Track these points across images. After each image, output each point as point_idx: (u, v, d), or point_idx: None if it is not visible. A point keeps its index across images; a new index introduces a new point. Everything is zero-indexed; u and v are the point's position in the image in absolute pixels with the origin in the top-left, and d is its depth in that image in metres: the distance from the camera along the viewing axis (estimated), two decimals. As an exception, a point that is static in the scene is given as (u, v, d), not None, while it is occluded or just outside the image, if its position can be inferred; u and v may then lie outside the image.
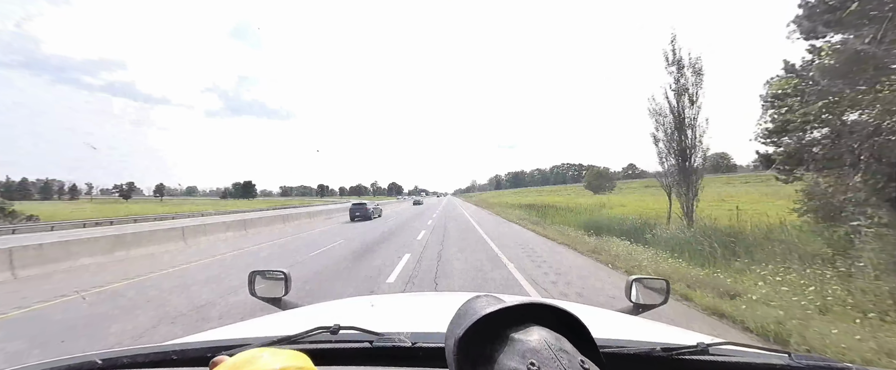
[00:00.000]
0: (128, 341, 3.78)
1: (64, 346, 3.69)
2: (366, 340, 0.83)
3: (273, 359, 0.45)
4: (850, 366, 0.76)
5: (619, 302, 1.80)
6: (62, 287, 6.04)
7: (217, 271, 7.41)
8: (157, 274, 7.13)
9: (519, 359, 0.38)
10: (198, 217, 29.98)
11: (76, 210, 48.81)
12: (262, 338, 0.86)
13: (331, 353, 0.82)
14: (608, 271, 6.87)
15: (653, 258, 7.19)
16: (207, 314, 4.60)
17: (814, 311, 3.89)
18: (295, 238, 12.88)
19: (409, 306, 1.71)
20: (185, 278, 6.77)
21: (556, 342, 0.41)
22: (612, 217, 14.36)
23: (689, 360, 0.78)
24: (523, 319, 0.45)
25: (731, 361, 0.79)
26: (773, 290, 4.58)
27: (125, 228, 15.50)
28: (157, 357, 0.80)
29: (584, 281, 6.08)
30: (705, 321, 4.17)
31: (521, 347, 0.40)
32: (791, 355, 0.78)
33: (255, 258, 9.20)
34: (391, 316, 1.43)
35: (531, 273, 6.60)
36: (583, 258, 8.29)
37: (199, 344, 0.87)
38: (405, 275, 6.56)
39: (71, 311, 4.88)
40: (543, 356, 0.38)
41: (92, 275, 7.05)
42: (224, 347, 0.80)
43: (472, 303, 0.50)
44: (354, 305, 1.74)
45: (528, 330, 0.43)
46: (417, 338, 0.82)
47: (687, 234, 8.52)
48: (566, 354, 0.39)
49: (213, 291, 5.69)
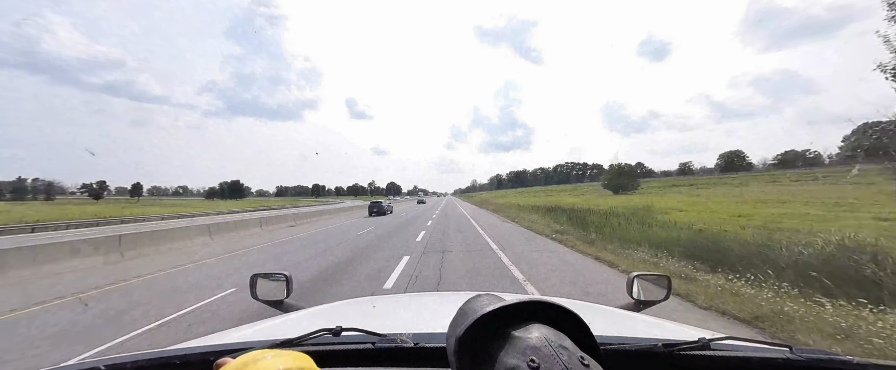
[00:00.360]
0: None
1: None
2: (368, 341, 0.83)
3: (276, 362, 0.45)
4: (850, 358, 0.73)
5: (625, 300, 1.52)
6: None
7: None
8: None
9: (520, 357, 0.38)
10: (174, 220, 27.48)
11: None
12: (264, 340, 0.86)
13: (333, 355, 0.82)
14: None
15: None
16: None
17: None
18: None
19: (411, 307, 1.65)
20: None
21: (557, 339, 0.41)
22: (711, 234, 8.33)
23: (690, 356, 0.77)
24: (524, 317, 0.46)
25: (732, 356, 0.77)
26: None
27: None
28: (160, 362, 0.80)
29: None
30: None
31: (522, 345, 0.40)
32: (792, 349, 0.76)
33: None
34: (393, 316, 1.42)
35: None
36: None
37: (202, 348, 0.86)
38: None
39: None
40: (544, 353, 0.38)
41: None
42: (227, 351, 0.79)
43: (473, 303, 0.51)
44: (356, 306, 1.65)
45: (528, 328, 0.43)
46: (419, 338, 0.83)
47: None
48: (567, 351, 0.39)
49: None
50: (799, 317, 3.78)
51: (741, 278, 5.25)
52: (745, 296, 4.55)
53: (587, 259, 7.85)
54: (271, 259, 8.97)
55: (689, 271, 5.99)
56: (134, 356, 0.79)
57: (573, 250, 9.00)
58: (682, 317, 4.18)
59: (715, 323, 4.05)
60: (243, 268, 7.76)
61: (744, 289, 4.84)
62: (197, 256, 9.31)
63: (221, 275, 7.03)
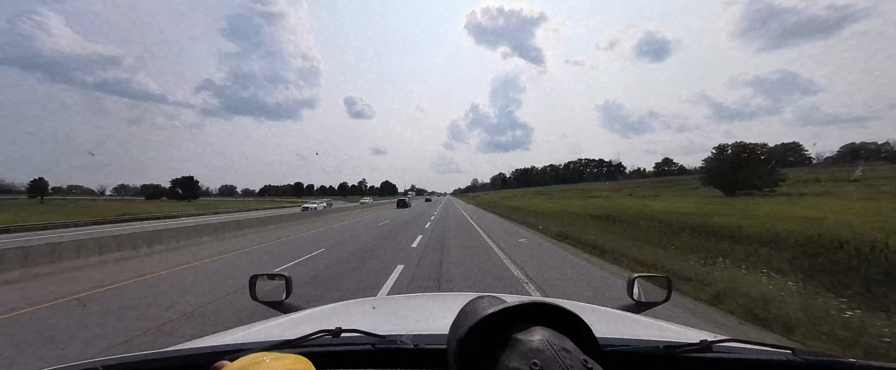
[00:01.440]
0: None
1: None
2: (368, 343, 0.83)
3: (275, 364, 0.44)
4: (853, 361, 0.72)
5: (625, 301, 1.47)
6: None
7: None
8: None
9: (521, 360, 0.38)
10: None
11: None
12: (263, 342, 0.85)
13: (333, 357, 0.82)
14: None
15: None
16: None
17: None
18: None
19: (411, 308, 1.61)
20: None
21: (559, 342, 0.41)
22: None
23: (692, 358, 0.77)
24: (526, 319, 0.46)
25: (733, 358, 0.77)
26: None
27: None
28: (158, 363, 0.79)
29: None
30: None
31: (524, 348, 0.40)
32: (794, 351, 0.77)
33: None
34: (393, 317, 1.41)
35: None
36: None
37: (200, 349, 0.85)
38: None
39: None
40: (546, 356, 0.38)
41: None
42: (225, 352, 0.78)
43: (475, 304, 0.51)
44: (356, 307, 1.61)
45: (530, 330, 0.43)
46: (419, 339, 0.82)
47: None
48: (569, 354, 0.39)
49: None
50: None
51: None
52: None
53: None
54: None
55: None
56: (133, 357, 0.79)
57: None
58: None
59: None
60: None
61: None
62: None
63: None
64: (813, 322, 3.83)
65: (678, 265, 6.69)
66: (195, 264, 8.40)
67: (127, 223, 26.89)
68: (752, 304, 4.45)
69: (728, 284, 5.17)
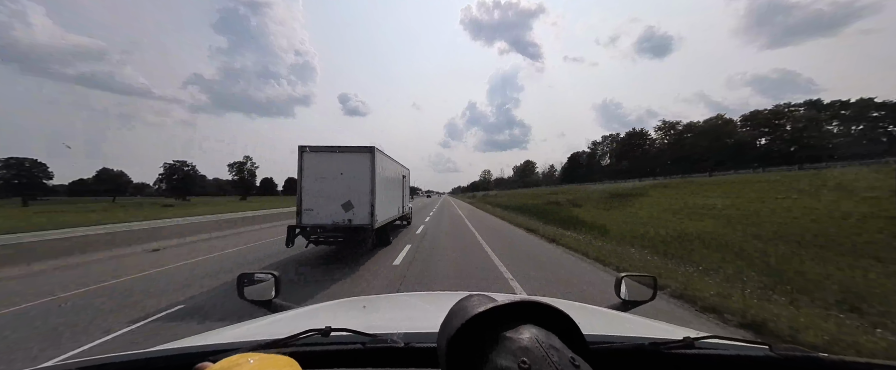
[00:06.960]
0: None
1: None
2: (358, 342, 0.82)
3: (259, 365, 0.43)
4: (826, 356, 0.76)
5: (612, 300, 1.56)
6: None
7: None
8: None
9: (511, 358, 0.39)
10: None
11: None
12: (249, 342, 0.83)
13: (322, 356, 0.81)
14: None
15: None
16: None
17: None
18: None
19: (402, 307, 1.65)
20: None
21: (547, 340, 0.42)
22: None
23: (676, 354, 0.80)
24: (515, 318, 0.46)
25: (715, 354, 0.81)
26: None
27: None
28: (138, 365, 0.78)
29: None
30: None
31: (513, 346, 0.41)
32: (772, 347, 0.80)
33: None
34: (383, 317, 1.40)
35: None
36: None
37: (182, 349, 0.84)
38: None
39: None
40: (535, 354, 0.39)
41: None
42: (209, 353, 0.76)
43: (465, 303, 0.51)
44: (346, 306, 1.61)
45: (519, 328, 0.44)
46: (410, 338, 0.82)
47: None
48: (557, 352, 0.40)
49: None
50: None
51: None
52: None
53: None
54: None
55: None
56: (115, 357, 0.78)
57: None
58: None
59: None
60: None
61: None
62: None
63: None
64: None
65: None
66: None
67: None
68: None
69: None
